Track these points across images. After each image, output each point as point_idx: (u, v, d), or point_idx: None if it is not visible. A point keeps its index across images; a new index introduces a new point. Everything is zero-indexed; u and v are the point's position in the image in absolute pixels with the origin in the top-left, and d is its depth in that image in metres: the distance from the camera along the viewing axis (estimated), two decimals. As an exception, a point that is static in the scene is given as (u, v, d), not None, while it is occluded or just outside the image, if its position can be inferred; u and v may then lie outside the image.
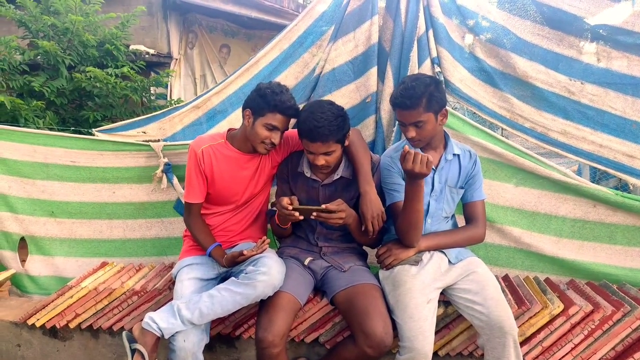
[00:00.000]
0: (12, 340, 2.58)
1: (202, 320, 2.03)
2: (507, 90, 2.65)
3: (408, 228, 2.05)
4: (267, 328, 1.93)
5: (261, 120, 2.14)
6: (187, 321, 2.00)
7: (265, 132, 2.14)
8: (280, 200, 2.02)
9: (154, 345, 2.03)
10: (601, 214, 2.55)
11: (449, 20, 2.66)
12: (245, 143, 2.26)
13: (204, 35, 7.68)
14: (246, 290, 2.01)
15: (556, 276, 2.62)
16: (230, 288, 2.04)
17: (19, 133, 2.89)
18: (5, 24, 5.31)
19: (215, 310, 2.02)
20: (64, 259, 3.02)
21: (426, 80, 2.04)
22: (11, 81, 4.44)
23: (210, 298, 2.03)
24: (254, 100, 2.17)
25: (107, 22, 5.13)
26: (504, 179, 2.60)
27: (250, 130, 2.19)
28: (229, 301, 2.03)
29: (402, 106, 2.01)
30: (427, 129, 2.04)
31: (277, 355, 1.94)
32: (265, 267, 2.03)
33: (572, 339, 2.15)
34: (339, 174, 2.21)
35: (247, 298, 2.02)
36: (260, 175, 2.34)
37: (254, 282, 2.01)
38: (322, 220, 2.03)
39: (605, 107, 2.56)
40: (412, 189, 1.95)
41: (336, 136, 2.03)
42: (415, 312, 1.96)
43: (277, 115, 2.13)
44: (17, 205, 2.95)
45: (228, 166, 2.29)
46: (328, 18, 2.74)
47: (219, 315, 2.05)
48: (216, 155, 2.28)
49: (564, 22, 2.56)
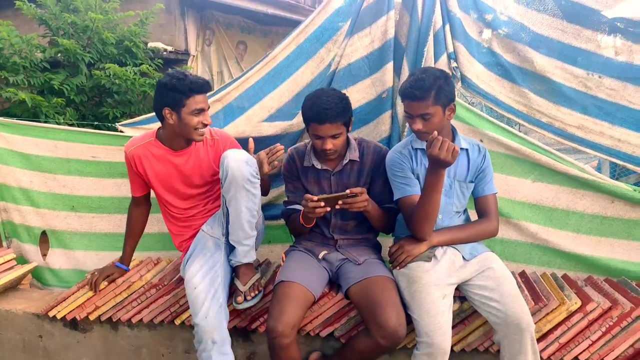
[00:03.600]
0: (34, 331, 2.64)
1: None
2: (525, 85, 2.62)
3: (423, 220, 2.04)
4: (278, 318, 1.94)
5: (185, 110, 2.15)
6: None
7: (195, 119, 2.17)
8: (306, 196, 2.04)
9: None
10: (619, 209, 2.52)
11: (465, 15, 2.64)
12: (175, 140, 2.28)
13: (221, 32, 7.73)
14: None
15: (574, 272, 2.60)
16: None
17: (41, 129, 2.95)
18: (26, 22, 5.39)
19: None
20: (84, 253, 3.08)
21: (436, 73, 2.04)
22: (32, 78, 4.51)
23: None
24: (166, 97, 2.16)
25: (126, 20, 5.18)
26: (521, 174, 2.58)
27: (179, 125, 2.19)
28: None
29: (411, 97, 2.01)
30: (434, 122, 2.03)
31: (288, 346, 1.95)
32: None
33: (590, 335, 2.13)
34: (348, 158, 2.25)
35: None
36: (201, 165, 2.34)
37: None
38: (347, 207, 2.04)
39: (624, 101, 2.52)
40: (433, 179, 1.94)
41: (343, 118, 2.11)
42: (432, 308, 1.96)
43: (197, 97, 2.15)
44: (38, 199, 3.01)
45: (160, 164, 2.33)
46: (344, 13, 2.74)
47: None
48: (147, 155, 2.32)
49: (582, 15, 2.53)
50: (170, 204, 2.41)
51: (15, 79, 4.33)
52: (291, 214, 2.33)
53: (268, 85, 2.83)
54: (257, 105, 2.84)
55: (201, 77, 2.21)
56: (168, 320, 2.44)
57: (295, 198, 2.33)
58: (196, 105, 2.15)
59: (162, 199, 2.42)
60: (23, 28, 5.63)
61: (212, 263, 2.20)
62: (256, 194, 2.14)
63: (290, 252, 2.38)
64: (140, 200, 2.49)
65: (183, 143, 2.29)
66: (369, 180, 2.28)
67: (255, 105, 2.85)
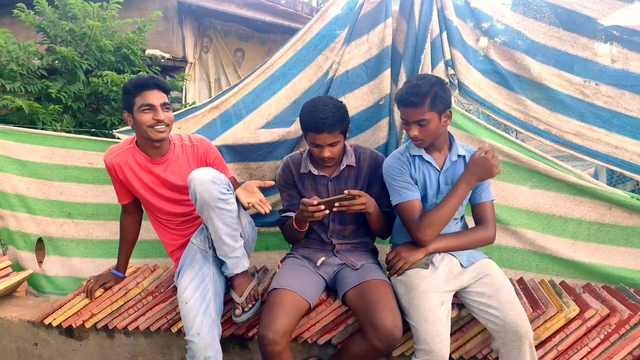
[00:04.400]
0: (30, 339, 2.62)
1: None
2: (522, 93, 2.63)
3: (435, 224, 2.07)
4: (268, 326, 1.94)
5: (135, 109, 2.16)
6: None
7: (145, 116, 2.15)
8: (304, 201, 2.05)
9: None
10: (617, 216, 2.52)
11: (463, 23, 2.66)
12: (146, 144, 2.27)
13: (219, 40, 7.76)
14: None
15: (572, 279, 2.59)
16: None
17: (38, 135, 2.94)
18: (25, 30, 5.41)
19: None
20: (80, 260, 3.07)
21: (432, 79, 2.05)
22: (29, 85, 4.52)
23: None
24: (124, 101, 2.20)
25: (124, 27, 5.19)
26: (518, 181, 2.59)
27: (135, 126, 2.20)
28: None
29: (407, 103, 2.02)
30: (430, 128, 2.04)
31: (280, 354, 1.94)
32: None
33: (588, 342, 2.12)
34: (344, 164, 2.27)
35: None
36: (182, 171, 2.32)
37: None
38: (345, 208, 2.06)
39: (620, 108, 2.53)
40: (464, 188, 2.07)
41: (340, 126, 2.13)
42: (430, 315, 1.96)
43: (144, 94, 2.14)
44: (35, 206, 3.00)
45: (142, 170, 2.32)
46: (341, 21, 2.75)
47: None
48: (126, 163, 2.31)
49: (578, 23, 2.54)
50: (157, 209, 2.39)
51: (12, 86, 4.33)
52: (285, 221, 2.33)
53: (265, 93, 2.84)
54: (254, 112, 2.85)
55: (155, 77, 2.21)
56: (164, 328, 2.43)
57: (290, 206, 2.34)
58: (143, 101, 2.14)
59: (149, 205, 2.40)
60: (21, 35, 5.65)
61: (201, 276, 2.17)
62: (231, 208, 2.08)
63: (286, 260, 2.38)
64: (129, 207, 2.47)
65: (155, 149, 2.28)
66: (365, 186, 2.30)
67: (253, 112, 2.85)
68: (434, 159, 2.15)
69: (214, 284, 2.16)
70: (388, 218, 2.31)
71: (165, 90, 2.22)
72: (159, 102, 2.17)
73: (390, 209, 2.30)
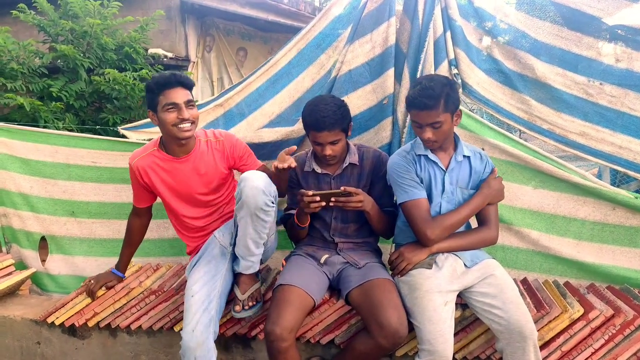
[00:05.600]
0: (32, 337, 2.62)
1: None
2: (526, 92, 2.63)
3: (447, 228, 2.09)
4: (276, 322, 1.94)
5: (159, 108, 2.13)
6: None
7: (169, 115, 2.12)
8: (301, 191, 2.08)
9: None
10: (621, 216, 2.51)
11: (466, 22, 2.65)
12: (171, 144, 2.25)
13: (221, 39, 7.75)
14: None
15: (576, 280, 2.59)
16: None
17: (41, 134, 2.94)
18: (27, 29, 5.41)
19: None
20: (83, 259, 3.07)
21: (442, 80, 2.04)
22: (31, 84, 4.51)
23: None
24: (148, 100, 2.17)
25: (126, 26, 5.19)
26: (522, 181, 2.58)
27: (161, 125, 2.17)
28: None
29: (420, 106, 1.99)
30: (444, 129, 2.03)
31: (286, 350, 1.94)
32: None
33: (592, 343, 2.11)
34: (347, 162, 2.28)
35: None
36: (207, 168, 2.29)
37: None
38: (341, 204, 2.07)
39: (625, 108, 2.52)
40: (480, 204, 2.14)
41: (341, 125, 2.14)
42: (434, 315, 1.95)
43: (167, 92, 2.11)
44: (38, 205, 3.00)
45: (166, 173, 2.29)
46: (344, 20, 2.75)
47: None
48: (150, 166, 2.29)
49: (582, 22, 2.53)
50: (181, 214, 2.37)
51: (13, 85, 4.33)
52: (288, 219, 2.35)
53: (269, 91, 2.84)
54: (257, 111, 2.85)
55: (177, 73, 2.16)
56: (167, 327, 2.43)
57: (294, 204, 2.36)
58: (167, 100, 2.11)
59: (173, 209, 2.37)
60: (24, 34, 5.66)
61: (214, 272, 2.17)
62: (268, 220, 2.09)
63: (290, 257, 2.38)
64: (142, 211, 2.46)
65: (181, 147, 2.25)
66: (368, 184, 2.31)
67: (256, 111, 2.85)
68: (439, 159, 2.15)
69: (222, 282, 2.17)
70: (390, 218, 2.30)
71: (189, 87, 2.18)
72: (182, 100, 2.13)
73: (392, 208, 2.30)
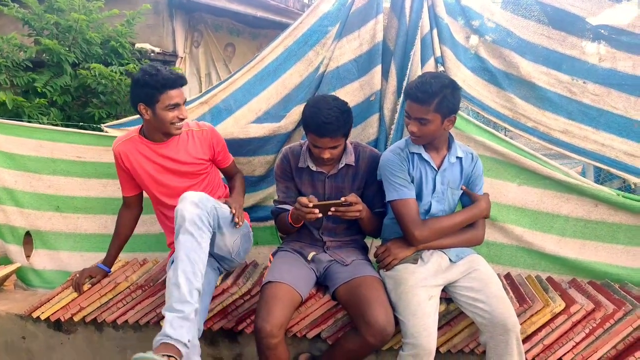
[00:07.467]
0: (18, 332, 2.60)
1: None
2: (510, 90, 2.66)
3: (435, 231, 2.11)
4: (266, 318, 1.94)
5: (159, 105, 2.15)
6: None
7: (170, 114, 2.17)
8: (300, 200, 2.02)
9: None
10: (603, 213, 2.56)
11: (453, 20, 2.68)
12: (156, 133, 2.29)
13: (209, 34, 7.72)
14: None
15: (558, 275, 2.63)
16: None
17: (26, 128, 2.91)
18: (12, 22, 5.33)
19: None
20: (68, 254, 3.05)
21: (445, 80, 2.01)
22: (16, 78, 4.45)
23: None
24: (140, 93, 2.16)
25: (112, 20, 5.14)
26: (507, 178, 2.61)
27: (155, 120, 2.20)
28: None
29: (413, 98, 2.00)
30: (430, 128, 2.03)
31: (276, 346, 1.94)
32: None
33: (574, 337, 2.16)
34: (343, 162, 2.24)
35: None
36: (188, 149, 2.33)
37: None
38: (340, 214, 2.04)
39: (607, 106, 2.57)
40: (475, 214, 2.18)
41: (344, 130, 2.09)
42: (418, 309, 1.97)
43: (170, 92, 2.15)
44: (23, 199, 2.97)
45: (146, 159, 2.33)
46: (332, 17, 2.75)
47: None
48: (132, 151, 2.33)
49: (567, 22, 2.57)
50: (162, 202, 2.39)
51: (-3, 79, 4.27)
52: (280, 213, 2.32)
53: (256, 88, 2.84)
54: (244, 107, 2.85)
55: (175, 72, 2.19)
56: (154, 322, 2.43)
57: (286, 198, 2.32)
58: (170, 100, 2.14)
59: (154, 195, 2.41)
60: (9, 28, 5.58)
61: None
62: (202, 244, 1.94)
63: (277, 253, 2.37)
64: (130, 201, 2.47)
65: (164, 136, 2.30)
66: (362, 185, 2.28)
67: (243, 107, 2.85)
68: (432, 158, 2.16)
69: (204, 281, 2.06)
70: (380, 219, 2.31)
71: (184, 85, 2.24)
72: (182, 99, 2.20)
73: (383, 209, 2.30)
